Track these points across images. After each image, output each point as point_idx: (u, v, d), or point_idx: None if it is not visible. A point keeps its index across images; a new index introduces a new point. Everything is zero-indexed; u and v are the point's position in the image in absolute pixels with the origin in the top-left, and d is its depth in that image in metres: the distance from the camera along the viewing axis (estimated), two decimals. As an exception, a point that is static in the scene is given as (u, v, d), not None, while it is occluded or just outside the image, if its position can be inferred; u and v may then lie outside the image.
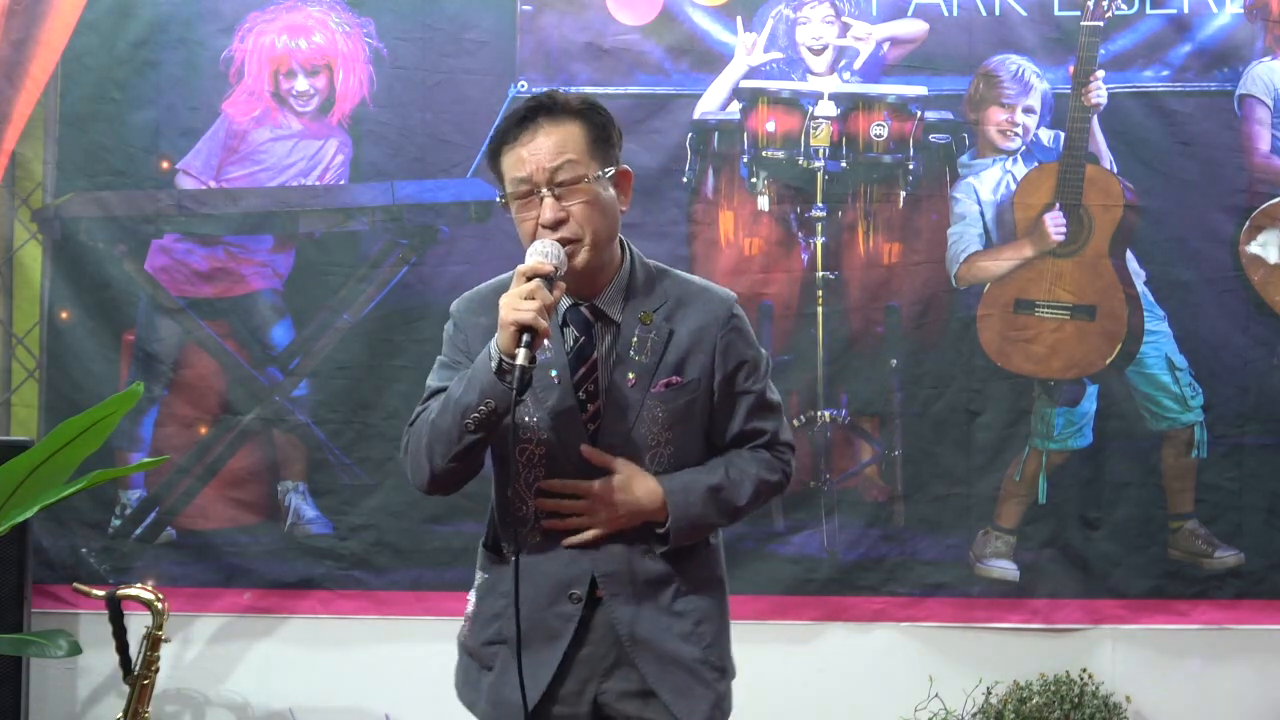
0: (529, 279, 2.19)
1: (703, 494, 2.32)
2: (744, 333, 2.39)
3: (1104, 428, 3.94)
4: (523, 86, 4.02)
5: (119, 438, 3.99)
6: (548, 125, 2.27)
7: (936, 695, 3.86)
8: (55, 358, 4.08)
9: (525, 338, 2.15)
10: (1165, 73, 3.96)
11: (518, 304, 2.17)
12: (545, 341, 2.22)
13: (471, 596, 2.44)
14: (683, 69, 4.04)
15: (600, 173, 2.29)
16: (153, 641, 3.54)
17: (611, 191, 2.32)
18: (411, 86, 4.06)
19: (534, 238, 2.26)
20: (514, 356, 2.16)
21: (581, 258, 2.27)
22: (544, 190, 2.25)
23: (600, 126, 2.31)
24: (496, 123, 2.41)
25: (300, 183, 4.08)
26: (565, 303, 2.33)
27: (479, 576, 2.43)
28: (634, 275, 2.37)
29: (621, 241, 2.38)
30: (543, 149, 2.26)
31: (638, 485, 2.30)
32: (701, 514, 2.32)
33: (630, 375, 2.32)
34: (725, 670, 2.39)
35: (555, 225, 2.25)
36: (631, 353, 2.33)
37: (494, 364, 2.19)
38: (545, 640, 2.31)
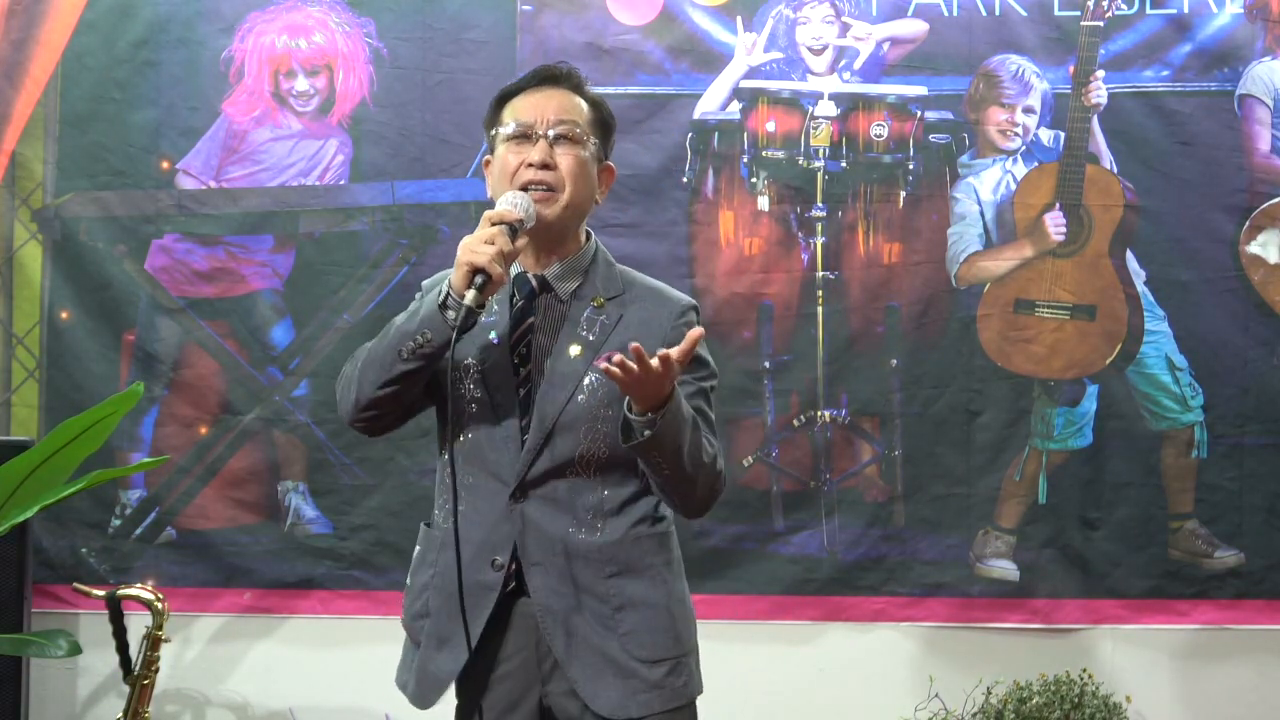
0: (494, 225, 2.22)
1: (690, 420, 2.24)
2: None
3: (1104, 428, 3.94)
4: (523, 86, 4.01)
5: (119, 438, 3.99)
6: (564, 89, 2.38)
7: (936, 695, 3.86)
8: (55, 358, 4.08)
9: (478, 280, 2.17)
10: (1165, 73, 3.96)
11: (476, 246, 2.19)
12: (494, 296, 2.25)
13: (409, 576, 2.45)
14: (683, 69, 4.04)
15: (596, 145, 2.37)
16: (153, 641, 3.54)
17: (596, 172, 2.38)
18: (411, 86, 4.06)
19: (514, 176, 2.32)
20: (463, 296, 2.17)
21: (554, 210, 2.31)
22: (541, 134, 2.32)
23: (604, 119, 2.42)
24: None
25: (300, 183, 4.08)
26: (514, 269, 2.35)
27: (415, 551, 2.44)
28: (595, 262, 2.40)
29: (589, 233, 2.43)
30: (552, 102, 2.36)
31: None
32: (681, 445, 2.20)
33: (576, 348, 2.32)
34: (649, 661, 2.31)
35: (543, 165, 2.31)
36: (580, 329, 2.33)
37: (441, 297, 2.21)
38: (468, 613, 2.26)
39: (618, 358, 2.10)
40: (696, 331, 2.18)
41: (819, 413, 3.99)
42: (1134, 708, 3.81)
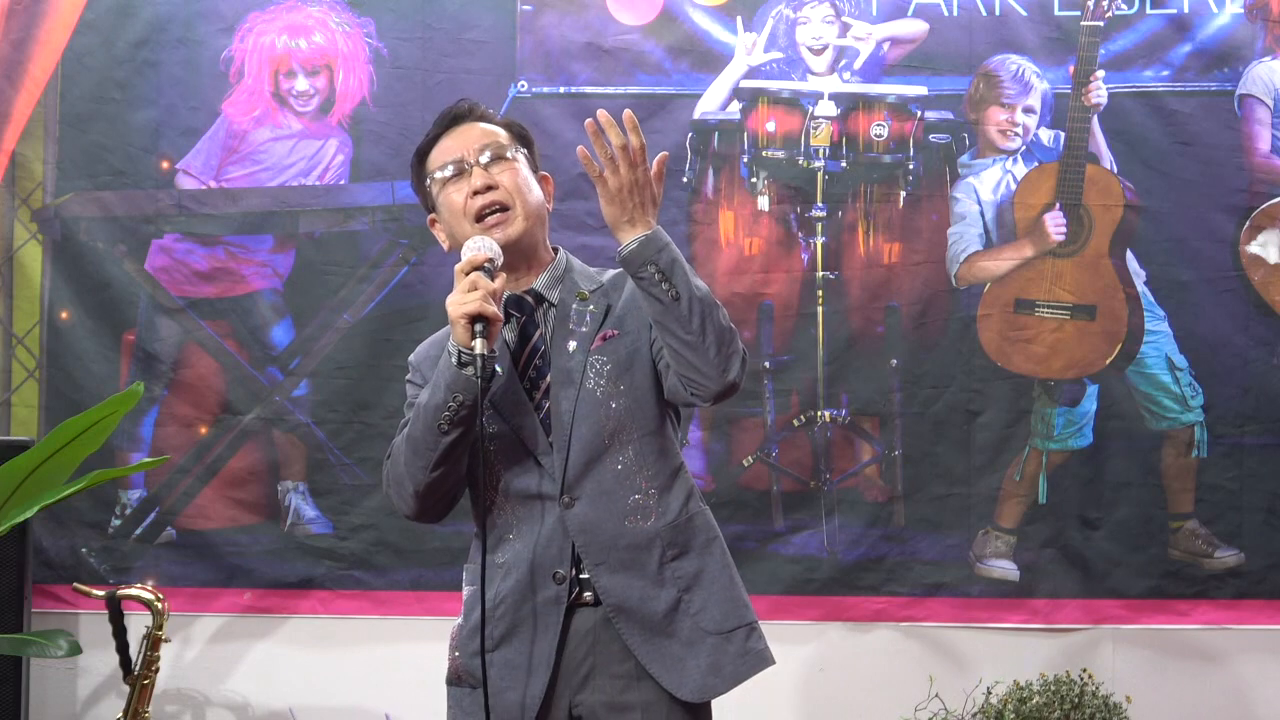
0: (467, 274, 2.23)
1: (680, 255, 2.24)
2: None
3: (1104, 428, 3.94)
4: (523, 86, 4.02)
5: (119, 438, 3.99)
6: (472, 122, 2.42)
7: (936, 695, 3.86)
8: (55, 358, 4.08)
9: (479, 327, 2.19)
10: (1165, 73, 3.96)
11: (462, 298, 2.21)
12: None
13: (460, 619, 2.42)
14: (683, 69, 4.04)
15: (525, 156, 2.41)
16: (153, 641, 3.55)
17: (536, 181, 2.41)
18: (411, 86, 4.06)
19: (464, 211, 2.34)
20: (472, 348, 2.19)
21: (516, 227, 2.34)
22: (473, 162, 2.36)
23: (522, 134, 2.46)
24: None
25: (300, 183, 4.08)
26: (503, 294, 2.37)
27: (466, 591, 2.42)
28: (570, 266, 2.43)
29: (556, 248, 2.46)
30: (470, 134, 2.40)
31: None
32: (676, 257, 2.20)
33: (571, 344, 2.35)
34: (726, 631, 2.34)
35: (486, 190, 2.33)
36: (571, 325, 2.36)
37: (454, 359, 2.22)
38: (538, 633, 2.30)
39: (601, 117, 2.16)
40: (663, 155, 2.26)
41: (819, 413, 3.99)
42: (1134, 708, 3.80)
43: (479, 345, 2.18)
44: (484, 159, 2.36)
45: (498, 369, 2.31)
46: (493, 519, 2.37)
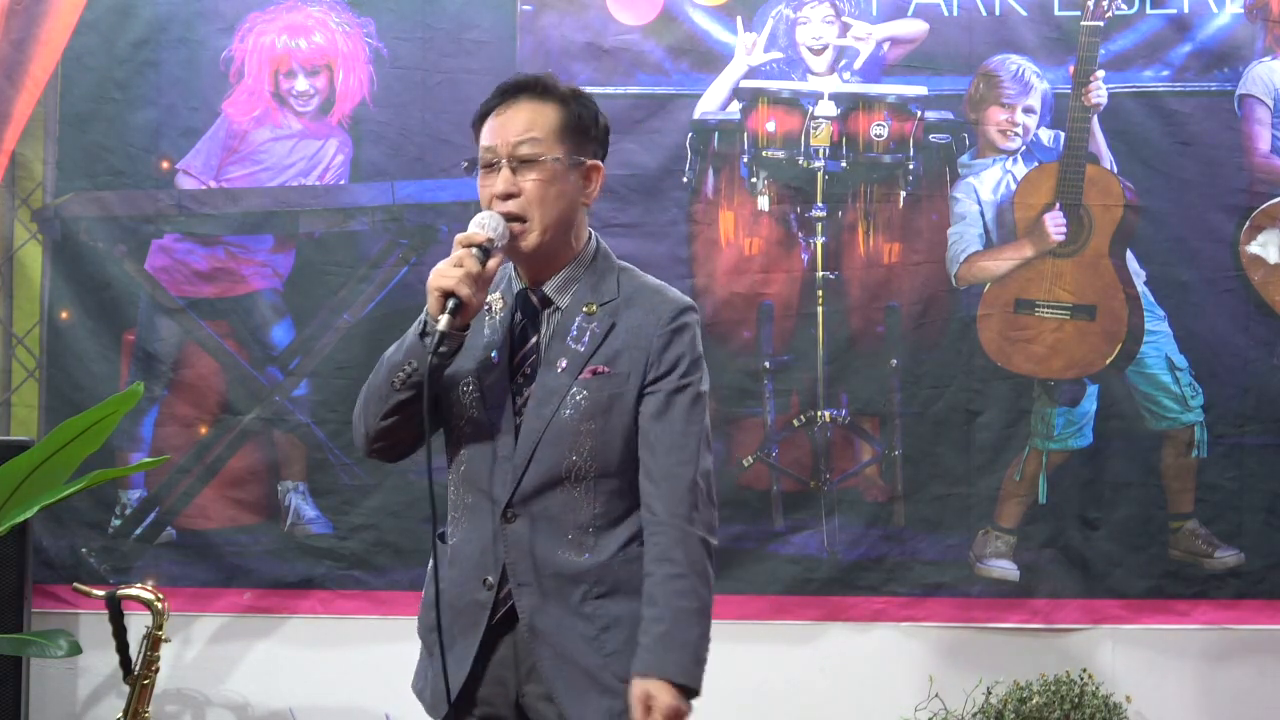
0: (464, 247, 2.23)
1: (694, 641, 2.27)
2: (686, 334, 2.34)
3: (1104, 428, 3.94)
4: (523, 86, 4.02)
5: (119, 438, 3.99)
6: (527, 102, 2.32)
7: (936, 695, 3.86)
8: (55, 358, 4.09)
9: (450, 303, 2.19)
10: (1165, 73, 3.97)
11: (444, 270, 2.21)
12: (496, 314, 2.32)
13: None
14: (683, 69, 4.04)
15: (563, 158, 2.31)
16: (153, 641, 3.55)
17: (573, 180, 2.33)
18: (411, 86, 4.06)
19: (488, 207, 2.31)
20: (438, 322, 2.19)
21: (529, 241, 2.30)
22: (503, 162, 2.30)
23: (579, 116, 2.35)
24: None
25: (300, 183, 4.08)
26: (517, 285, 2.37)
27: (429, 565, 2.45)
28: (592, 266, 2.37)
29: (592, 234, 2.40)
30: (512, 122, 2.31)
31: (663, 696, 2.23)
32: (698, 654, 2.27)
33: (563, 361, 2.32)
34: (629, 681, 2.30)
35: (505, 197, 2.29)
36: (569, 340, 2.33)
37: (420, 327, 2.25)
38: (468, 627, 2.32)
39: None
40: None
41: (819, 413, 3.99)
42: (1134, 708, 3.81)
43: (443, 322, 2.19)
44: (515, 156, 2.29)
45: (494, 353, 2.32)
46: (452, 499, 2.41)
